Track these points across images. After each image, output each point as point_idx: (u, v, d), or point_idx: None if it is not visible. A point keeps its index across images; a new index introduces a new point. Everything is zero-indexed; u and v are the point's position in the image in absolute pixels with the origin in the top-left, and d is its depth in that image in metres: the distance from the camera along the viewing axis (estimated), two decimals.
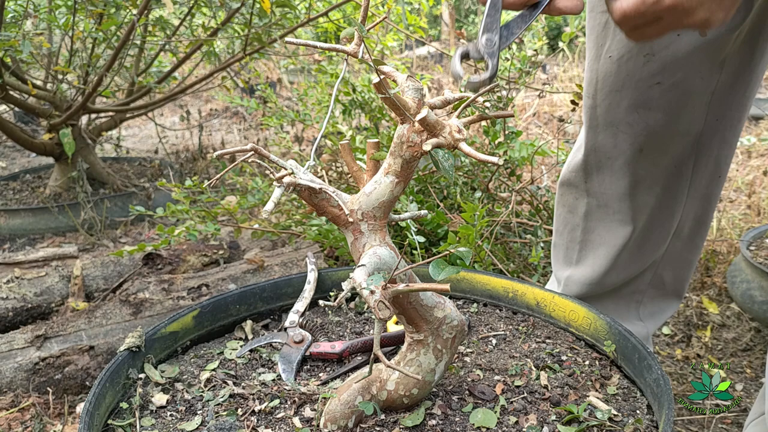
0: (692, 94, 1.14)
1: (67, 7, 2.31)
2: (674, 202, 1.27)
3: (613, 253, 1.31)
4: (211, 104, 5.19)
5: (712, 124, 1.19)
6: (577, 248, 1.36)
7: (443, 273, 0.73)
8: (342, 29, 2.55)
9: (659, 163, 1.22)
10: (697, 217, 1.32)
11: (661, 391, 0.80)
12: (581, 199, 1.32)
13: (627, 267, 1.32)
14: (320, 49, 0.79)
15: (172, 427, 0.83)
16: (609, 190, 1.27)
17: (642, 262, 1.33)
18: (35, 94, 2.42)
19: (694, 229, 1.34)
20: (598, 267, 1.33)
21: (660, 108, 1.15)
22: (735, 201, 2.71)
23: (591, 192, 1.30)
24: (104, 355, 1.42)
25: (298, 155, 2.44)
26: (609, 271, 1.32)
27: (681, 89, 1.13)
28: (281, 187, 0.74)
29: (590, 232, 1.33)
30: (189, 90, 2.90)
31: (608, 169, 1.25)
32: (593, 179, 1.28)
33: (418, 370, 0.81)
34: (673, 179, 1.24)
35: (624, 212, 1.27)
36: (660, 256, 1.34)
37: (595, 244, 1.33)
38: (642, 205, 1.26)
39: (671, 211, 1.28)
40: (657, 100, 1.14)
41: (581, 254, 1.36)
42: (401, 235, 1.84)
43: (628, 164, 1.22)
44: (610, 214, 1.29)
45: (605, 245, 1.31)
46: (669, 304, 1.43)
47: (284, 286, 1.18)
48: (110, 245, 2.40)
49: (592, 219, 1.32)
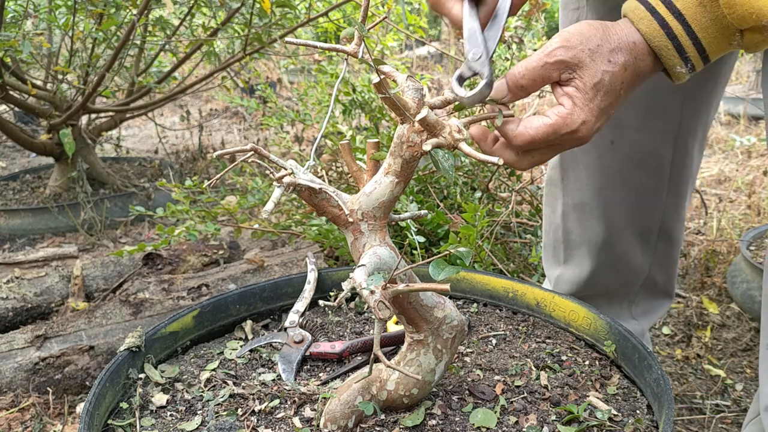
0: (661, 91, 1.14)
1: (67, 7, 2.31)
2: (652, 197, 1.28)
3: (594, 252, 1.31)
4: (211, 104, 5.19)
5: (684, 122, 1.20)
6: (562, 248, 1.37)
7: (443, 273, 0.73)
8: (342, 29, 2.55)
9: (631, 156, 1.23)
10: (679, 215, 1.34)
11: (661, 391, 0.80)
12: (559, 199, 1.34)
13: (612, 265, 1.33)
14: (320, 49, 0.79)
15: (172, 427, 0.83)
16: (584, 186, 1.28)
17: (627, 260, 1.34)
18: (35, 94, 2.42)
19: (677, 227, 1.35)
20: (584, 266, 1.34)
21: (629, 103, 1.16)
22: (735, 201, 2.70)
23: (567, 190, 1.31)
24: (104, 355, 1.42)
25: (298, 155, 2.44)
26: (595, 271, 1.33)
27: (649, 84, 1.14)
28: (281, 187, 0.74)
29: (570, 233, 1.34)
30: (189, 90, 2.90)
31: (582, 164, 1.26)
32: (569, 175, 1.29)
33: (418, 370, 0.81)
34: (649, 174, 1.25)
35: (600, 208, 1.28)
36: (650, 257, 1.35)
37: (575, 243, 1.34)
38: (617, 201, 1.27)
39: (649, 207, 1.29)
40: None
41: (567, 254, 1.37)
42: (401, 235, 1.84)
43: (601, 157, 1.23)
44: (586, 211, 1.30)
45: (586, 244, 1.32)
46: (661, 302, 1.44)
47: (284, 286, 1.18)
48: (110, 245, 2.40)
49: (569, 219, 1.33)
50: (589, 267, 1.33)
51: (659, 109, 1.18)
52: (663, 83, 1.14)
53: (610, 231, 1.29)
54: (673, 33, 0.71)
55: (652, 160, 1.23)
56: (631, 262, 1.34)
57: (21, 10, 2.32)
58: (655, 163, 1.24)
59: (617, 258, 1.32)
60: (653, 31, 0.72)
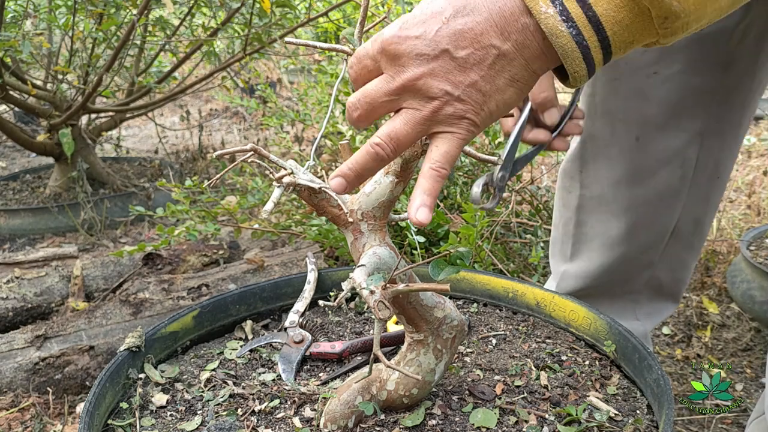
0: (691, 90, 1.14)
1: (67, 7, 2.31)
2: (672, 198, 1.26)
3: (606, 247, 1.31)
4: (211, 104, 5.19)
5: (712, 125, 1.19)
6: (571, 242, 1.36)
7: (443, 273, 0.73)
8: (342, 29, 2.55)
9: (656, 154, 1.21)
10: (696, 218, 1.32)
11: (661, 391, 0.80)
12: (574, 192, 1.33)
13: (622, 262, 1.32)
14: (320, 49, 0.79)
15: (172, 427, 0.83)
16: (604, 179, 1.27)
17: (637, 258, 1.33)
18: (35, 94, 2.42)
19: (693, 230, 1.34)
20: (593, 261, 1.33)
21: (656, 99, 1.15)
22: (735, 201, 2.70)
23: (585, 183, 1.30)
24: (104, 355, 1.42)
25: (298, 155, 2.44)
26: (603, 266, 1.32)
27: (678, 83, 1.13)
28: (281, 187, 0.74)
29: (582, 226, 1.33)
30: (189, 90, 2.90)
31: (604, 157, 1.25)
32: (588, 168, 1.28)
33: (418, 370, 0.81)
34: (672, 174, 1.23)
35: (618, 203, 1.27)
36: (657, 255, 1.34)
37: (588, 237, 1.33)
38: (637, 197, 1.26)
39: (668, 207, 1.28)
40: (654, 90, 1.14)
41: (575, 248, 1.36)
42: (401, 235, 1.84)
43: (624, 152, 1.22)
44: (603, 205, 1.29)
45: (598, 238, 1.31)
46: (666, 305, 1.43)
47: (284, 286, 1.18)
48: (110, 245, 2.40)
49: (584, 212, 1.32)
50: (599, 262, 1.32)
51: (688, 109, 1.16)
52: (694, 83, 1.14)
53: (626, 226, 1.28)
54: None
55: (677, 159, 1.21)
56: (641, 260, 1.33)
57: (21, 10, 2.32)
58: (680, 164, 1.22)
59: (628, 255, 1.31)
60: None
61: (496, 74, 0.59)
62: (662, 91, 1.14)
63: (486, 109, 0.61)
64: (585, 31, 0.57)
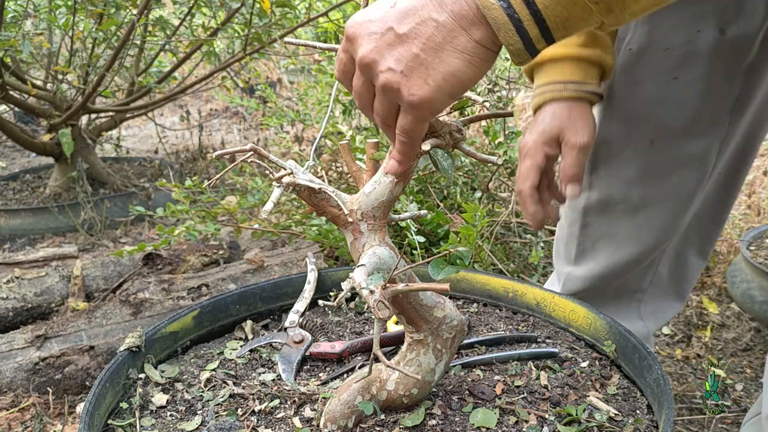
0: (711, 95, 1.13)
1: (67, 7, 2.31)
2: (685, 200, 1.25)
3: (611, 248, 1.30)
4: (211, 104, 5.19)
5: (731, 131, 1.18)
6: (575, 243, 1.36)
7: (442, 273, 0.73)
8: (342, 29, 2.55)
9: (672, 158, 1.20)
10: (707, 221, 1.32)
11: (661, 391, 0.80)
12: (582, 192, 1.32)
13: (627, 263, 1.32)
14: (320, 49, 0.79)
15: (172, 427, 0.83)
16: (614, 180, 1.26)
17: (644, 258, 1.33)
18: (35, 94, 2.42)
19: (704, 232, 1.33)
20: (599, 263, 1.33)
21: (676, 104, 1.14)
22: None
23: (594, 185, 1.29)
24: (104, 355, 1.42)
25: (298, 155, 2.44)
26: (609, 267, 1.32)
27: (699, 88, 1.12)
28: (281, 187, 0.74)
29: (588, 227, 1.33)
30: (189, 90, 2.90)
31: (616, 159, 1.24)
32: (599, 171, 1.27)
33: (417, 370, 0.81)
34: (687, 177, 1.22)
35: (628, 203, 1.26)
36: (664, 256, 1.34)
37: (593, 238, 1.33)
38: (648, 198, 1.25)
39: (680, 210, 1.27)
40: (674, 96, 1.14)
41: (580, 249, 1.35)
42: (401, 235, 1.84)
43: (637, 155, 1.21)
44: (611, 206, 1.28)
45: (604, 239, 1.31)
46: (670, 304, 1.43)
47: (284, 286, 1.18)
48: (110, 245, 2.40)
49: (591, 213, 1.31)
50: (604, 263, 1.32)
51: (707, 114, 1.15)
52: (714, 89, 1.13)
53: (634, 227, 1.27)
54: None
55: (693, 163, 1.20)
56: (647, 261, 1.33)
57: (21, 10, 2.32)
58: (696, 167, 1.21)
59: (634, 255, 1.31)
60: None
61: (437, 46, 0.62)
62: (682, 97, 1.13)
63: (432, 82, 0.63)
64: (515, 3, 0.59)
